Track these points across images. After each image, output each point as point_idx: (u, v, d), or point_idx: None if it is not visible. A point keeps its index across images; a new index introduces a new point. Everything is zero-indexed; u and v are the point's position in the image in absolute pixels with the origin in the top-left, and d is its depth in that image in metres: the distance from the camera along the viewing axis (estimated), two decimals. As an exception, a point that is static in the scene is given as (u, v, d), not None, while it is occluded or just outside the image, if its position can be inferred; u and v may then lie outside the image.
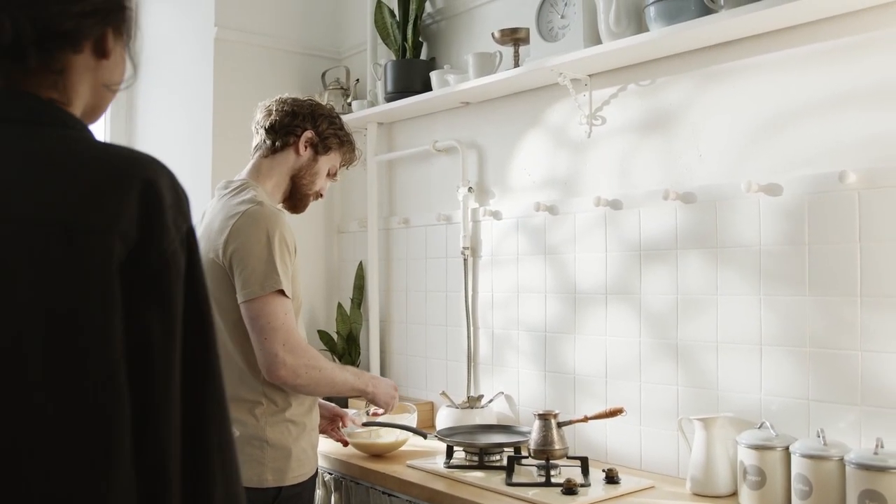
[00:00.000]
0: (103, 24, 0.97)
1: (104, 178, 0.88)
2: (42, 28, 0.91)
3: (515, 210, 2.67)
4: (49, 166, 0.88)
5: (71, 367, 0.82)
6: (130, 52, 1.02)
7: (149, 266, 0.87)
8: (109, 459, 0.83)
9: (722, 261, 2.11)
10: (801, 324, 1.96)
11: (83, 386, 0.82)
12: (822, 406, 1.92)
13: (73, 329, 0.82)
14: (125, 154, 0.92)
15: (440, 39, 3.05)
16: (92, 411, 0.83)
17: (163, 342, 0.86)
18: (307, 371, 1.87)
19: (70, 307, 0.83)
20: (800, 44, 1.98)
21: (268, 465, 1.89)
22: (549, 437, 2.13)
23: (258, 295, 1.82)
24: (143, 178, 0.88)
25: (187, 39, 3.29)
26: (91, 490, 0.82)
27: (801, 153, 1.98)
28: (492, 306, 2.75)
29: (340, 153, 2.17)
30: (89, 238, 0.84)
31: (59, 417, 0.81)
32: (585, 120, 2.45)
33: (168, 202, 0.89)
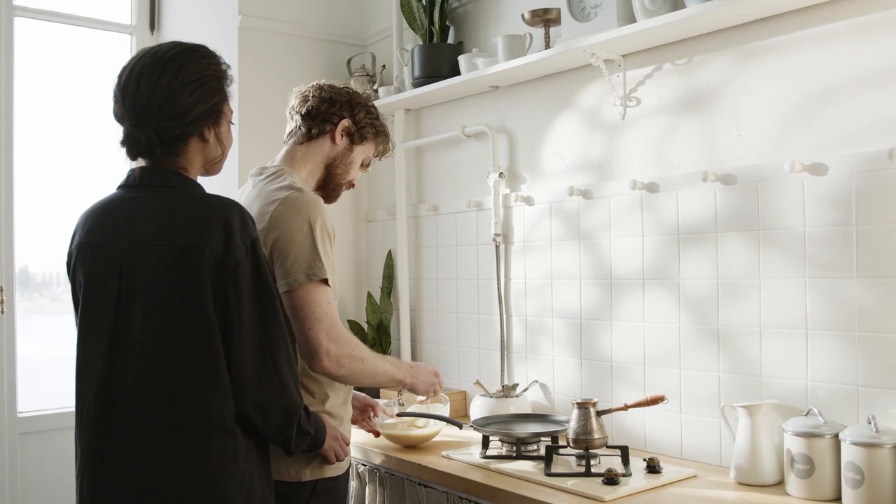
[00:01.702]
0: (200, 125, 1.63)
1: (202, 217, 1.57)
2: (162, 136, 1.59)
3: (548, 195, 2.62)
4: (174, 212, 1.59)
5: (196, 322, 1.54)
6: (221, 135, 1.70)
7: (227, 266, 1.55)
8: (216, 368, 1.55)
9: (765, 243, 2.05)
10: (849, 307, 1.89)
11: (201, 331, 1.54)
12: (871, 392, 1.86)
13: (194, 299, 1.54)
14: (214, 201, 1.62)
15: (467, 23, 2.99)
16: (206, 346, 1.54)
17: (236, 308, 1.56)
18: (350, 361, 1.83)
19: (190, 289, 1.54)
20: (843, 17, 1.91)
21: (304, 458, 1.86)
22: (588, 425, 2.08)
23: (301, 284, 1.79)
24: (223, 216, 1.58)
25: (212, 28, 3.26)
26: (210, 383, 1.54)
27: (846, 131, 1.91)
28: (525, 293, 2.71)
29: (375, 143, 2.13)
30: (195, 252, 1.54)
31: (193, 349, 1.53)
32: (619, 101, 2.39)
33: (236, 227, 1.58)
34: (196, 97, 1.60)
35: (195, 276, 1.53)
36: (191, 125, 1.61)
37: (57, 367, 3.30)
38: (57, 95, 3.31)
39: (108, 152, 3.35)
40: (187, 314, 1.53)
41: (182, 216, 1.57)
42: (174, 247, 1.54)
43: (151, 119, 1.58)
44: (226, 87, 1.69)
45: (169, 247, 1.54)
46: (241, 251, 1.56)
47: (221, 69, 1.68)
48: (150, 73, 1.59)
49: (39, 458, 3.08)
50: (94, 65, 3.39)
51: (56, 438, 3.11)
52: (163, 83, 1.58)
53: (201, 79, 1.62)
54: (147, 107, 1.58)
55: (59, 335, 3.44)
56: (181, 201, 1.60)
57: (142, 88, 1.58)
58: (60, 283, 3.42)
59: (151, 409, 1.53)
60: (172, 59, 1.61)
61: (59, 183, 3.31)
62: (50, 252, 3.31)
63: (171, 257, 1.54)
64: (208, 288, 1.54)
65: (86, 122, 3.34)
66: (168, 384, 1.53)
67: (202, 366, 1.54)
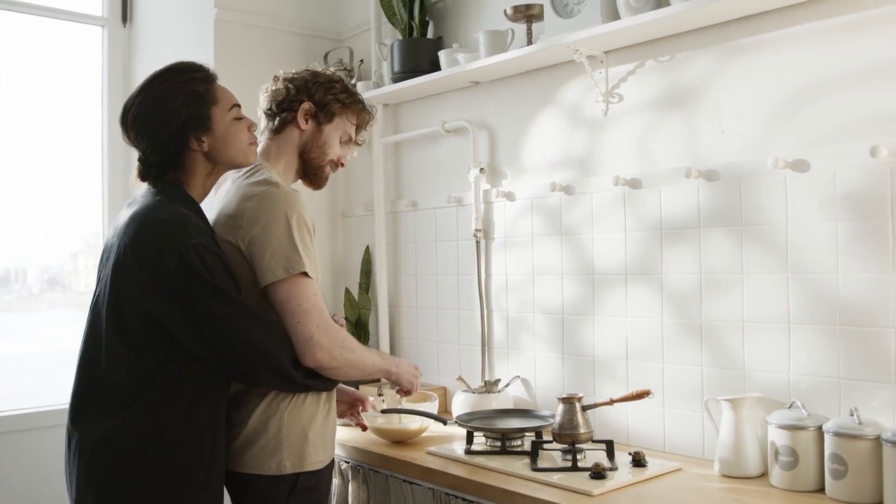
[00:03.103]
0: (181, 141, 1.79)
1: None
2: (152, 160, 1.80)
3: (529, 191, 2.62)
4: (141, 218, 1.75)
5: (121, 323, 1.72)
6: (217, 138, 1.83)
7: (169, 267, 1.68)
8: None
9: (747, 239, 2.08)
10: (831, 301, 1.92)
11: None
12: (853, 385, 1.89)
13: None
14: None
15: (447, 18, 2.98)
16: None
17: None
18: (342, 353, 1.82)
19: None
20: (826, 16, 1.94)
21: (286, 450, 1.84)
22: (574, 420, 2.09)
23: (282, 277, 1.77)
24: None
25: (186, 21, 3.21)
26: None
27: (828, 128, 1.94)
28: (506, 289, 2.71)
29: (348, 116, 2.07)
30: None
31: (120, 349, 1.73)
32: (602, 98, 2.40)
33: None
34: (162, 118, 1.76)
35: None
36: (166, 148, 1.78)
37: (25, 366, 3.24)
38: (25, 87, 3.23)
39: (77, 146, 3.31)
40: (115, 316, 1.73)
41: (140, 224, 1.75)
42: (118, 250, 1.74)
43: (141, 150, 1.82)
44: (199, 96, 1.79)
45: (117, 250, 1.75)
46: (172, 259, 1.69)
47: (185, 84, 1.79)
48: (126, 110, 1.82)
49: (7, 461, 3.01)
50: (65, 58, 3.32)
51: (23, 440, 3.01)
52: (132, 116, 1.79)
53: (161, 102, 1.77)
54: (135, 142, 1.82)
55: (25, 332, 3.36)
56: (154, 208, 1.77)
57: (127, 125, 1.81)
58: (28, 278, 3.34)
59: None
60: (141, 90, 1.80)
61: (26, 177, 3.23)
62: (14, 248, 3.24)
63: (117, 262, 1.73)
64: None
65: (54, 115, 3.27)
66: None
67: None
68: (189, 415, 1.71)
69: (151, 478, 1.68)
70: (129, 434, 1.68)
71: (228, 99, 1.86)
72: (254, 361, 1.73)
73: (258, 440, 1.83)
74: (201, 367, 1.73)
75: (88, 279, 3.45)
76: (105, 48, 3.35)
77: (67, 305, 3.43)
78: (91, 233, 3.45)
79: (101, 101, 3.35)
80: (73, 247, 3.43)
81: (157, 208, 1.74)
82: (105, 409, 1.70)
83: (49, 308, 3.40)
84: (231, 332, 1.69)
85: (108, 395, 1.70)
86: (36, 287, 3.37)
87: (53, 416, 2.98)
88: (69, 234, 3.39)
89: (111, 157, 3.33)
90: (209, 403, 1.76)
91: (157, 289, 1.68)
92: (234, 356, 1.72)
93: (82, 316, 1.83)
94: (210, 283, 1.68)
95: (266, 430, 1.84)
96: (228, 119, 1.84)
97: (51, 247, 3.35)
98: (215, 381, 1.77)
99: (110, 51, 3.35)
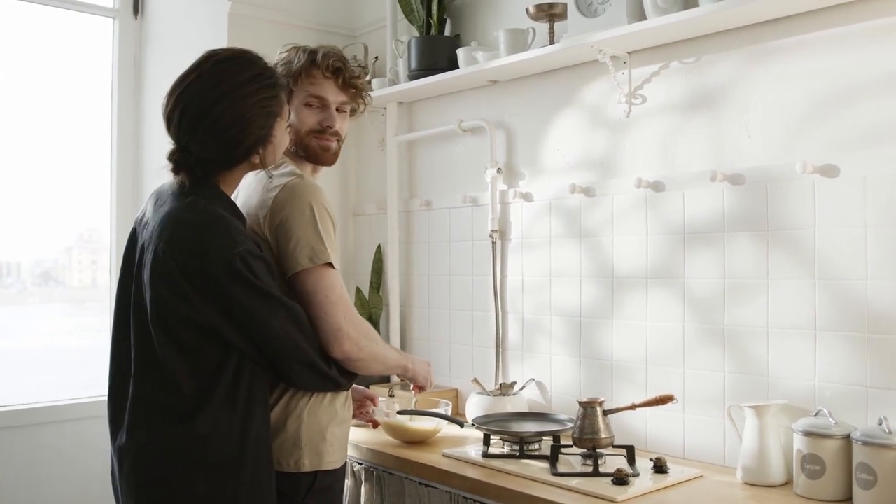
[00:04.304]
0: (247, 155, 1.75)
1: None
2: (203, 162, 1.71)
3: (548, 192, 2.59)
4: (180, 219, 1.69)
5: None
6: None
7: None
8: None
9: (773, 244, 2.05)
10: (859, 308, 1.90)
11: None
12: (881, 393, 1.87)
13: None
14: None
15: (465, 16, 2.95)
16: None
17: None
18: (368, 344, 1.80)
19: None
20: (857, 20, 1.92)
21: (305, 448, 1.82)
22: (595, 425, 2.06)
23: (307, 266, 1.75)
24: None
25: (199, 14, 3.17)
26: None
27: (859, 133, 1.92)
28: (522, 291, 2.68)
29: (301, 85, 1.95)
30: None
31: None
32: (625, 99, 2.38)
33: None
34: (238, 133, 1.72)
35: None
36: (237, 156, 1.75)
37: (16, 361, 3.18)
38: (31, 78, 3.19)
39: (80, 139, 3.26)
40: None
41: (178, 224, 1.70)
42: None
43: (191, 146, 1.73)
44: (274, 116, 1.74)
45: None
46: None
47: (268, 102, 1.73)
48: (188, 102, 1.74)
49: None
50: (73, 49, 3.28)
51: (14, 437, 2.93)
52: (196, 112, 1.72)
53: (243, 116, 1.70)
54: (185, 136, 1.74)
55: (16, 327, 3.31)
56: (194, 209, 1.70)
57: (183, 117, 1.74)
58: (21, 272, 3.30)
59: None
60: (222, 95, 1.70)
61: (24, 169, 3.18)
62: (8, 240, 3.19)
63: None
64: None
65: (59, 107, 3.22)
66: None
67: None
68: (248, 416, 1.68)
69: (221, 481, 1.65)
70: (197, 443, 1.63)
71: (286, 108, 1.81)
72: (294, 360, 1.70)
73: (277, 437, 1.81)
74: (251, 365, 1.69)
75: (83, 274, 3.40)
76: (116, 40, 3.30)
77: (60, 301, 3.38)
78: (86, 228, 3.40)
79: (110, 94, 3.31)
80: (68, 241, 3.38)
81: (193, 209, 1.68)
82: (172, 416, 1.64)
83: (41, 303, 3.35)
84: (273, 330, 1.66)
85: (175, 401, 1.64)
86: (29, 281, 3.32)
87: (45, 413, 2.95)
88: (64, 228, 3.34)
89: (120, 151, 3.29)
90: (261, 401, 1.72)
91: (204, 300, 1.63)
92: (276, 355, 1.69)
93: (76, 312, 1.78)
94: (258, 288, 1.65)
95: (285, 428, 1.82)
96: (284, 129, 1.80)
97: (45, 240, 3.30)
98: (263, 379, 1.73)
99: (121, 43, 3.30)
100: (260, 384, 1.72)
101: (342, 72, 2.00)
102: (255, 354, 1.68)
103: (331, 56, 1.99)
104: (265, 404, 1.74)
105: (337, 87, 2.00)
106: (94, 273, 3.40)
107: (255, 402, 1.70)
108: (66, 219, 3.32)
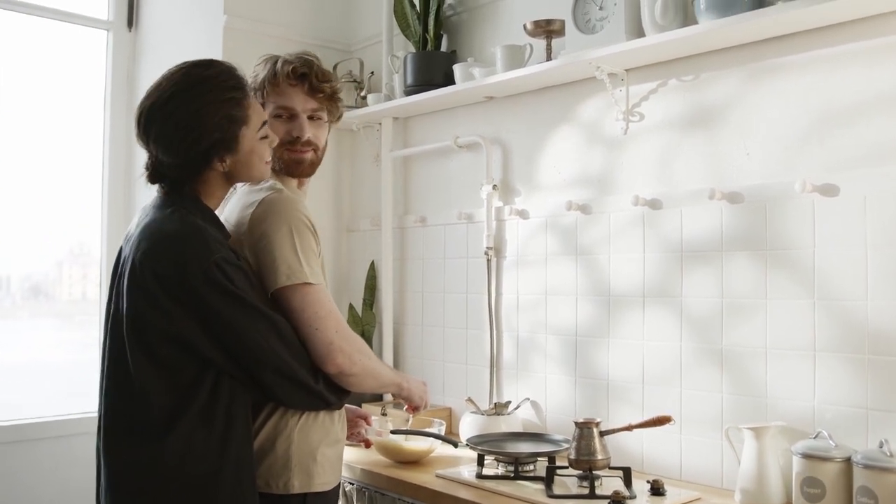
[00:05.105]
0: (206, 161, 1.70)
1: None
2: (168, 171, 1.71)
3: (544, 209, 2.57)
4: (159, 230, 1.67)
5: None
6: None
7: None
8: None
9: (772, 264, 2.03)
10: (859, 329, 1.88)
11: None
12: (882, 416, 1.84)
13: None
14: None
15: (461, 32, 2.94)
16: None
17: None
18: (361, 358, 1.76)
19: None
20: (857, 39, 1.91)
21: (294, 469, 1.78)
22: (591, 446, 2.03)
23: (285, 284, 1.70)
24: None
25: (194, 27, 3.15)
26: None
27: (859, 152, 1.90)
28: (517, 309, 2.65)
29: (262, 96, 1.90)
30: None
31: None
32: (622, 116, 2.36)
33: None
34: (191, 138, 1.69)
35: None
36: (192, 162, 1.72)
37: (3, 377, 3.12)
38: (24, 90, 3.16)
39: (73, 152, 3.23)
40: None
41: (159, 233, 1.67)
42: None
43: (157, 156, 1.75)
44: (233, 119, 1.68)
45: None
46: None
47: (223, 104, 1.68)
48: (149, 111, 1.74)
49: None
50: (67, 61, 3.25)
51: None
52: (154, 120, 1.72)
53: (194, 120, 1.67)
54: (151, 146, 1.76)
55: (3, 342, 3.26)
56: (171, 220, 1.68)
57: (145, 127, 1.75)
58: (11, 286, 3.25)
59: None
60: (172, 96, 1.69)
61: (17, 181, 3.15)
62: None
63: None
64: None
65: (52, 119, 3.19)
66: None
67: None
68: (226, 434, 1.63)
69: (196, 500, 1.61)
70: (171, 461, 1.59)
71: (259, 116, 1.75)
72: (275, 372, 1.66)
73: (266, 458, 1.77)
74: (231, 382, 1.65)
75: (73, 289, 3.36)
76: (109, 52, 3.28)
77: (50, 315, 3.33)
78: (77, 241, 3.36)
79: (103, 107, 3.28)
80: (58, 255, 3.34)
81: (170, 220, 1.66)
82: (143, 432, 1.60)
83: (30, 317, 3.30)
84: (253, 340, 1.62)
85: (145, 416, 1.61)
86: (19, 295, 3.27)
87: (34, 429, 2.90)
88: (55, 241, 3.30)
89: (112, 165, 3.26)
90: (241, 420, 1.67)
91: (181, 309, 1.59)
92: (257, 368, 1.64)
93: (65, 326, 1.76)
94: (235, 296, 1.61)
95: (274, 448, 1.77)
96: (255, 139, 1.74)
97: (35, 254, 3.26)
98: (244, 397, 1.69)
99: (115, 55, 3.28)
100: (241, 402, 1.67)
101: (307, 77, 1.90)
102: (235, 370, 1.64)
103: (293, 62, 1.90)
104: (246, 423, 1.69)
105: (304, 94, 1.91)
106: (84, 287, 3.36)
107: (234, 420, 1.65)
108: (57, 233, 3.28)
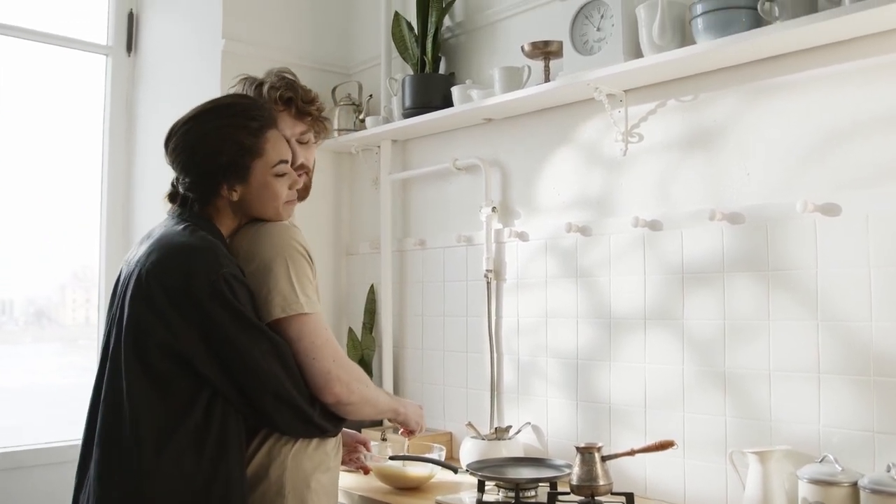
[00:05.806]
0: (212, 185, 1.73)
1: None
2: (184, 192, 1.75)
3: (544, 231, 2.55)
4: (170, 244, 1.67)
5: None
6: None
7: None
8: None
9: (774, 285, 2.01)
10: (863, 350, 1.85)
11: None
12: (888, 439, 1.80)
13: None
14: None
15: (459, 54, 2.94)
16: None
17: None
18: (358, 387, 1.73)
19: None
20: (857, 58, 1.89)
21: (288, 496, 1.73)
22: (593, 471, 2.00)
23: (280, 316, 1.68)
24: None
25: (194, 51, 3.16)
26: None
27: (861, 172, 1.88)
28: (517, 332, 2.62)
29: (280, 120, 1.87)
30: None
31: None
32: (621, 137, 2.35)
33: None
34: (198, 158, 1.75)
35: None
36: (200, 184, 1.76)
37: (5, 402, 3.10)
38: (23, 115, 3.16)
39: (72, 176, 3.23)
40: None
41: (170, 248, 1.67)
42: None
43: (176, 176, 1.81)
44: (243, 148, 1.71)
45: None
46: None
47: (235, 130, 1.72)
48: (171, 134, 1.80)
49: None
50: (66, 86, 3.26)
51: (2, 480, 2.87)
52: (173, 143, 1.78)
53: (203, 141, 1.73)
54: (173, 167, 1.80)
55: (7, 366, 3.23)
56: (183, 236, 1.69)
57: (169, 149, 1.81)
58: (14, 310, 3.23)
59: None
60: (190, 118, 1.77)
61: (18, 205, 3.14)
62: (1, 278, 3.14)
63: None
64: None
65: (51, 143, 3.19)
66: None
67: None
68: (218, 458, 1.59)
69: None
70: (160, 486, 1.56)
71: (277, 153, 1.75)
72: (275, 397, 1.63)
73: (258, 486, 1.73)
74: (224, 406, 1.62)
75: (76, 313, 3.34)
76: (108, 77, 3.29)
77: (53, 339, 3.31)
78: (80, 265, 3.35)
79: (102, 132, 3.28)
80: (61, 279, 3.33)
81: (183, 233, 1.67)
82: (134, 454, 1.57)
83: (33, 342, 3.28)
84: (254, 360, 1.60)
85: (136, 436, 1.57)
86: (22, 319, 3.25)
87: (35, 456, 2.86)
88: (58, 265, 3.29)
89: (111, 189, 3.25)
90: (235, 445, 1.64)
91: (182, 318, 1.58)
92: (256, 390, 1.62)
93: (68, 350, 1.74)
94: (239, 312, 1.60)
95: (268, 475, 1.73)
96: (269, 175, 1.75)
97: (38, 278, 3.24)
98: (238, 423, 1.66)
99: (114, 80, 3.29)
100: (235, 427, 1.64)
101: (293, 101, 1.89)
102: (231, 392, 1.61)
103: (277, 87, 1.88)
104: (239, 448, 1.65)
105: (292, 118, 1.89)
106: (87, 311, 3.34)
107: (227, 445, 1.61)
108: (60, 256, 3.27)
